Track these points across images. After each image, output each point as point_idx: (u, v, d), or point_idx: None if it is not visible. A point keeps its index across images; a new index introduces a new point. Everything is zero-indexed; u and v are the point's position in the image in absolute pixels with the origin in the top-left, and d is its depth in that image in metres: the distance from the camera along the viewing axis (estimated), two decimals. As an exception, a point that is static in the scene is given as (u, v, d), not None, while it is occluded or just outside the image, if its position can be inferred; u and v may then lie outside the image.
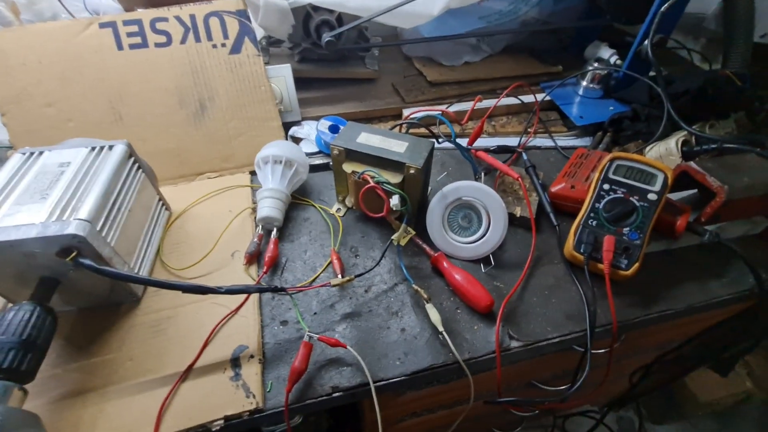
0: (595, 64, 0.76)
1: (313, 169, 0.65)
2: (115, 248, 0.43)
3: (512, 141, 0.73)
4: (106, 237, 0.42)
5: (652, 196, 0.50)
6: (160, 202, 0.56)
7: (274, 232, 0.55)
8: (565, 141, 0.74)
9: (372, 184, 0.49)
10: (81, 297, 0.45)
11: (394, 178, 0.51)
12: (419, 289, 0.47)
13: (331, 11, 0.69)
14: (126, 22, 0.60)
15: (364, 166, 0.53)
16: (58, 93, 0.59)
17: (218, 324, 0.45)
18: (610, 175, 0.53)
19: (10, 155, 0.58)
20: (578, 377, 0.44)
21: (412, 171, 0.50)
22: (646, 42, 0.68)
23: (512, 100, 0.76)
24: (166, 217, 0.57)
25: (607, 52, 0.81)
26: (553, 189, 0.59)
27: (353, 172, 0.52)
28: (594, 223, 0.51)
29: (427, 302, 0.46)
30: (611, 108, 0.74)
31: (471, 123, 0.73)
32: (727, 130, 0.67)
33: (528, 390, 0.74)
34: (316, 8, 0.68)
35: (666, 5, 0.63)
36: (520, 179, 0.56)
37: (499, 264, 0.53)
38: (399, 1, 0.64)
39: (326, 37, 0.65)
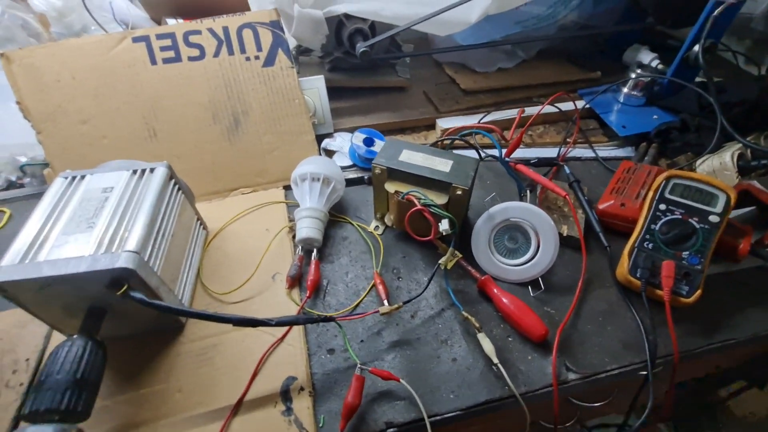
0: (638, 70, 0.72)
1: (348, 183, 0.64)
2: (161, 276, 0.42)
3: (550, 152, 0.70)
4: (153, 266, 0.41)
5: (713, 218, 0.47)
6: (199, 222, 0.55)
7: (314, 254, 0.53)
8: (605, 151, 0.71)
9: (419, 206, 0.47)
10: (127, 325, 0.44)
11: (439, 199, 0.49)
12: (470, 317, 0.46)
13: (364, 20, 0.67)
14: (159, 36, 0.59)
15: (407, 185, 0.51)
16: (93, 109, 0.58)
17: (266, 353, 0.44)
18: (667, 195, 0.50)
19: (47, 174, 0.58)
20: (643, 414, 0.42)
21: (459, 192, 0.48)
22: (695, 47, 0.64)
23: (549, 108, 0.74)
24: (203, 236, 0.56)
25: (648, 56, 0.77)
26: (601, 206, 0.57)
27: (396, 192, 0.51)
28: (650, 245, 0.49)
29: (479, 331, 0.45)
30: (655, 117, 0.70)
31: (506, 133, 0.70)
32: (781, 140, 0.64)
33: (567, 406, 0.72)
34: (349, 17, 0.66)
35: (720, 9, 0.60)
36: (568, 198, 0.53)
37: (547, 287, 0.51)
38: (436, 10, 0.62)
39: (361, 47, 0.63)
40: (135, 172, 0.46)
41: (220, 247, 0.56)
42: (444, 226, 0.46)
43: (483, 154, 0.58)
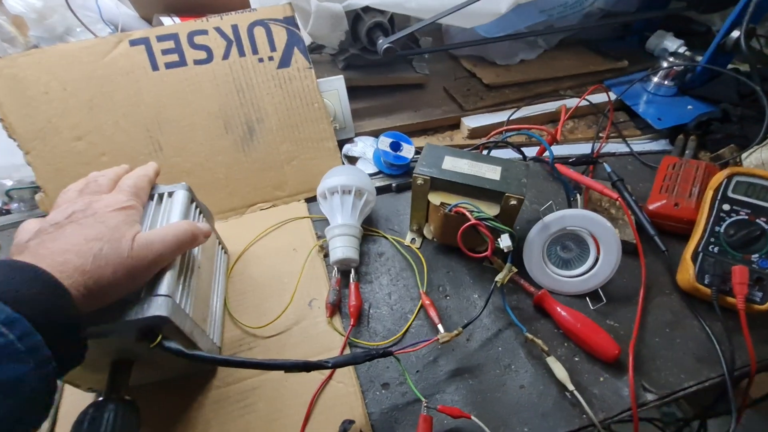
0: (670, 59, 0.69)
1: (377, 192, 0.59)
2: (193, 318, 0.37)
3: (583, 148, 0.67)
4: (185, 308, 0.36)
5: (783, 218, 0.45)
6: (220, 246, 0.50)
7: (352, 275, 0.49)
8: (639, 145, 0.68)
9: (473, 221, 0.43)
10: (154, 373, 0.39)
11: (491, 210, 0.45)
12: (535, 339, 0.42)
13: (382, 12, 0.61)
14: (160, 38, 0.52)
15: (453, 195, 0.47)
16: (88, 124, 0.52)
17: (315, 394, 0.39)
18: (730, 194, 0.47)
19: (39, 199, 0.51)
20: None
21: (513, 202, 0.44)
22: (733, 33, 0.61)
23: (575, 101, 0.70)
24: (226, 262, 0.50)
25: (674, 43, 0.74)
26: (652, 206, 0.53)
27: (443, 204, 0.46)
28: (716, 249, 0.46)
29: (548, 355, 0.41)
30: (690, 107, 0.67)
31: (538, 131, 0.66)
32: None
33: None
34: (367, 10, 0.61)
35: (762, -8, 0.57)
36: (620, 199, 0.50)
37: (607, 298, 0.47)
38: (463, 1, 0.57)
39: (384, 44, 0.57)
40: (152, 197, 0.40)
41: (243, 271, 0.51)
42: (506, 242, 0.41)
43: (529, 159, 0.54)
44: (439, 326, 0.44)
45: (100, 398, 0.32)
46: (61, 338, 0.25)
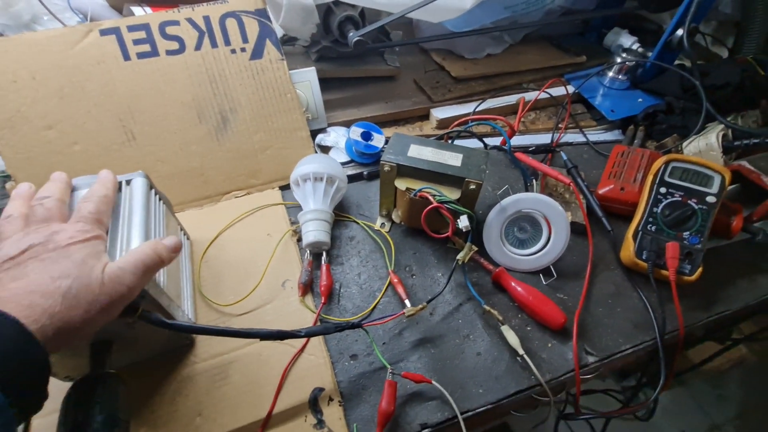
0: (623, 54, 0.74)
1: (349, 179, 0.61)
2: (168, 294, 0.39)
3: (544, 138, 0.71)
4: (160, 283, 0.38)
5: (710, 199, 0.50)
6: (182, 232, 0.51)
7: (324, 257, 0.51)
8: (595, 135, 0.73)
9: (435, 203, 0.46)
10: (134, 353, 0.41)
11: (452, 194, 0.49)
12: (492, 310, 0.46)
13: (353, 6, 0.63)
14: (131, 28, 0.53)
15: (418, 181, 0.50)
16: (59, 113, 0.52)
17: (288, 366, 0.42)
18: (666, 178, 0.52)
19: (10, 188, 0.52)
20: (655, 390, 0.45)
21: (472, 186, 0.48)
22: (678, 31, 0.66)
23: (540, 94, 0.74)
24: (189, 246, 0.52)
25: (629, 40, 0.79)
26: (601, 191, 0.58)
27: (408, 189, 0.49)
28: (653, 228, 0.51)
29: (502, 324, 0.45)
30: (640, 100, 0.73)
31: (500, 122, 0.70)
32: (753, 119, 0.68)
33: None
34: (338, 3, 0.63)
35: (701, -6, 0.62)
36: (572, 184, 0.54)
37: (558, 274, 0.52)
38: (430, -5, 0.60)
39: (354, 36, 0.60)
40: None
41: (218, 256, 0.53)
42: (464, 222, 0.45)
43: (489, 146, 0.57)
44: (407, 301, 0.47)
45: (87, 374, 0.34)
46: (25, 387, 0.23)
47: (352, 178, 0.62)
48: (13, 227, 0.30)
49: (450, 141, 0.59)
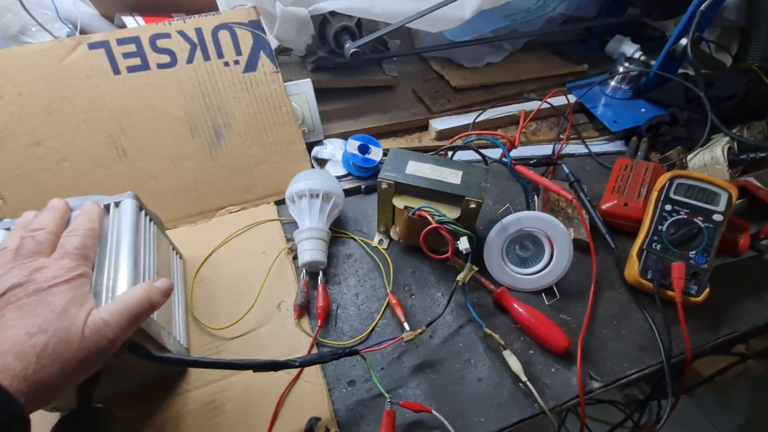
0: (626, 63, 0.73)
1: (346, 194, 0.60)
2: (159, 322, 0.37)
3: (545, 149, 0.70)
4: (150, 314, 0.36)
5: (717, 217, 0.49)
6: (174, 252, 0.50)
7: (320, 277, 0.50)
8: (597, 146, 0.71)
9: (434, 224, 0.45)
10: (123, 382, 0.39)
11: (452, 213, 0.47)
12: (494, 334, 0.44)
13: (350, 16, 0.62)
14: (121, 41, 0.52)
15: (416, 199, 0.49)
16: (47, 129, 0.51)
17: (283, 394, 0.41)
18: (672, 195, 0.51)
19: (-3, 207, 0.50)
20: (662, 415, 0.43)
21: (472, 205, 0.46)
22: (682, 41, 0.65)
23: (542, 104, 0.73)
24: (181, 266, 0.51)
25: (631, 48, 0.78)
26: (604, 206, 0.57)
27: (406, 207, 0.48)
28: (658, 247, 0.49)
29: (504, 348, 0.44)
30: (643, 110, 0.71)
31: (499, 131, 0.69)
32: (759, 130, 0.67)
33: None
34: (334, 14, 0.61)
35: (706, 3, 0.61)
36: (574, 200, 0.53)
37: (560, 294, 0.51)
38: (428, 6, 0.58)
39: (351, 47, 0.58)
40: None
41: (211, 276, 0.51)
42: (464, 244, 0.44)
43: (489, 160, 0.56)
44: (405, 324, 0.46)
45: (74, 409, 0.32)
46: None
47: (349, 192, 0.61)
48: (1, 261, 0.29)
49: (451, 154, 0.57)
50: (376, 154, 0.61)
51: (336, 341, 0.46)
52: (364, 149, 0.61)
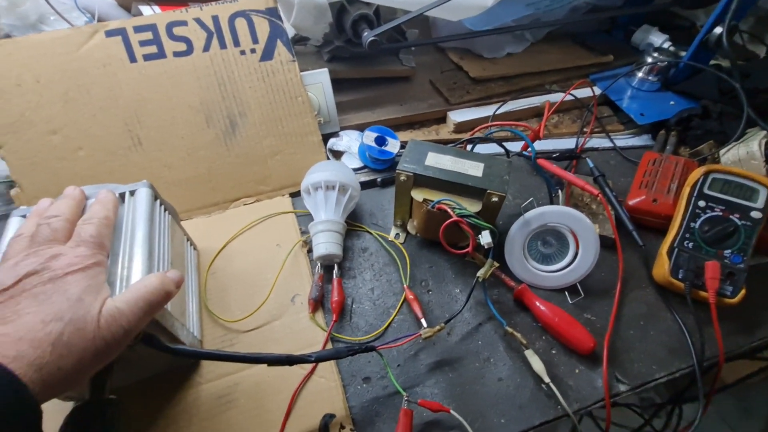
0: (655, 54, 0.70)
1: (362, 186, 0.59)
2: (172, 312, 0.37)
3: (567, 143, 0.67)
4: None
5: (755, 214, 0.46)
6: (189, 243, 0.49)
7: (335, 271, 0.49)
8: (622, 140, 0.68)
9: (455, 217, 0.43)
10: (135, 373, 0.39)
11: (473, 206, 0.45)
12: (515, 333, 0.43)
13: (368, 4, 0.60)
14: (137, 29, 0.51)
15: (436, 192, 0.47)
16: (63, 117, 0.50)
17: (297, 389, 0.40)
18: (706, 191, 0.48)
19: (15, 195, 0.51)
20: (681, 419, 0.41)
21: (495, 199, 0.44)
22: (716, 29, 0.62)
23: (561, 96, 0.70)
24: (196, 257, 0.50)
25: (659, 38, 0.75)
26: (631, 202, 0.54)
27: (425, 200, 0.46)
28: (690, 245, 0.47)
29: (526, 348, 0.42)
30: (672, 103, 0.68)
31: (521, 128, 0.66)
32: (797, 124, 0.63)
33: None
34: (352, 1, 0.60)
35: (744, -11, 0.57)
36: (600, 196, 0.50)
37: (585, 292, 0.48)
38: (449, -8, 0.56)
39: (369, 36, 0.57)
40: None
41: (225, 268, 0.50)
42: (486, 239, 0.42)
43: (512, 153, 0.54)
44: (423, 321, 0.44)
45: (86, 400, 0.32)
46: None
47: (365, 185, 0.60)
48: (18, 247, 0.29)
49: (471, 147, 0.56)
50: (393, 146, 0.59)
51: (351, 337, 0.45)
52: (380, 141, 0.60)
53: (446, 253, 0.52)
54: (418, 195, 0.47)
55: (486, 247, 0.42)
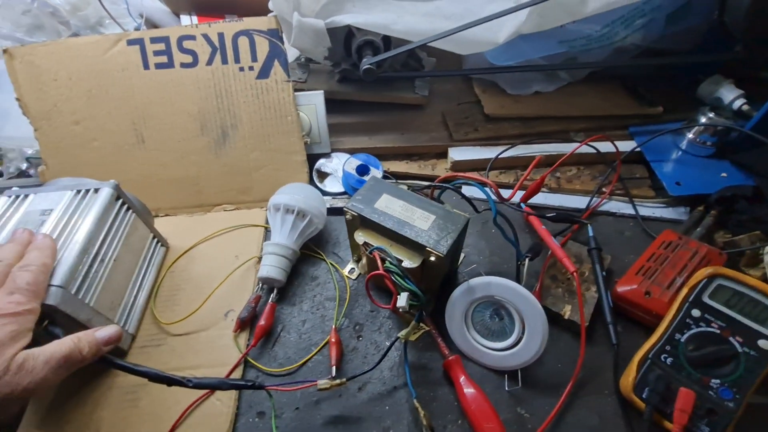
0: (710, 114, 0.58)
1: (335, 212, 0.58)
2: (95, 307, 0.40)
3: (579, 201, 0.59)
4: (84, 298, 0.39)
5: (765, 344, 0.36)
6: (155, 240, 0.53)
7: (273, 295, 0.49)
8: (650, 209, 0.58)
9: (381, 270, 0.40)
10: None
11: (413, 260, 0.42)
12: (421, 410, 0.39)
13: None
14: (153, 40, 0.56)
15: (380, 238, 0.44)
16: (85, 111, 0.58)
17: (188, 408, 0.41)
18: (705, 299, 0.39)
19: (41, 171, 0.59)
20: None
21: (432, 258, 0.41)
22: (793, 95, 0.49)
23: (587, 147, 0.61)
24: (161, 254, 0.53)
25: (730, 93, 0.61)
26: (620, 289, 0.46)
27: (365, 244, 0.44)
28: (669, 360, 0.38)
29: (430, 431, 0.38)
30: (724, 175, 0.56)
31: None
32: None
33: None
34: (359, 28, 0.59)
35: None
36: (575, 274, 0.43)
37: (528, 382, 0.42)
38: (457, 26, 0.53)
39: (365, 63, 0.56)
40: (79, 192, 0.43)
41: (185, 268, 0.53)
42: (402, 301, 0.39)
43: (481, 210, 0.49)
44: (333, 368, 0.42)
45: None
46: None
47: (340, 212, 0.59)
48: None
49: (439, 193, 0.52)
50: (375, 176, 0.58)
51: (264, 365, 0.45)
52: (363, 169, 0.59)
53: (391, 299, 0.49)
54: (360, 237, 0.45)
55: (400, 310, 0.39)
